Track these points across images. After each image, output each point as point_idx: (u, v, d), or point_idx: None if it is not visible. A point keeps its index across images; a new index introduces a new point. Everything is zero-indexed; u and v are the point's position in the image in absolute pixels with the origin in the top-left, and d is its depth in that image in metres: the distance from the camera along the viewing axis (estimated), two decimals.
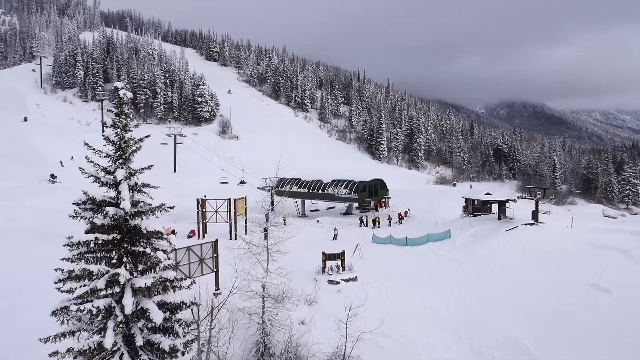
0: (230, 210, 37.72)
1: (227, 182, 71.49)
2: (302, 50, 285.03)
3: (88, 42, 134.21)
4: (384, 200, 56.37)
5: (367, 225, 48.71)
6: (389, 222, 48.69)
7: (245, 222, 40.33)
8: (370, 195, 53.73)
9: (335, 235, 41.40)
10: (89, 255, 11.67)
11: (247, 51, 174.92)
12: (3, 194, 50.24)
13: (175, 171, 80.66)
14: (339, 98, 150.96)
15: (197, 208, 38.49)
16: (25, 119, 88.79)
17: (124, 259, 11.87)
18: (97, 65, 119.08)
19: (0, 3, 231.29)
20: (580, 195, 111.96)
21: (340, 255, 29.88)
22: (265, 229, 39.99)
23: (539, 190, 42.16)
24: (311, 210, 58.23)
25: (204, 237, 38.64)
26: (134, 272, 12.03)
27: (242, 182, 70.50)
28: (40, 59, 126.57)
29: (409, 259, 34.72)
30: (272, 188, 63.22)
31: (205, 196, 41.11)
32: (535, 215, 39.45)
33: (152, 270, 12.13)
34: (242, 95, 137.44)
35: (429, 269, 32.26)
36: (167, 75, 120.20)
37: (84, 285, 11.23)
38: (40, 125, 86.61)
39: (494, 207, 44.06)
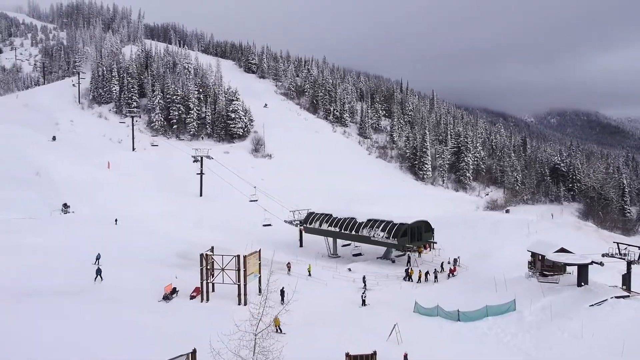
0: (239, 269, 31.11)
1: (256, 200, 67.09)
2: (343, 60, 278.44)
3: (126, 57, 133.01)
4: (428, 244, 48.31)
5: (411, 279, 40.80)
6: (435, 276, 40.55)
7: (260, 281, 33.57)
8: (412, 239, 45.85)
9: (364, 299, 33.69)
10: None
11: (286, 62, 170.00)
12: (3, 228, 45.85)
13: (201, 195, 75.46)
14: (380, 111, 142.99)
15: (201, 264, 32.05)
16: (54, 138, 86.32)
17: None
18: (133, 80, 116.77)
19: (53, 18, 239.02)
20: None
21: (371, 359, 22.40)
22: (282, 292, 33.30)
23: (631, 248, 32.85)
24: (354, 255, 50.31)
25: (208, 299, 32.11)
26: None
27: (252, 200, 67.03)
28: (79, 74, 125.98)
29: (463, 347, 26.75)
30: (300, 223, 56.77)
31: (212, 248, 34.68)
32: (627, 281, 30.63)
33: None
34: (278, 109, 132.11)
35: None
36: (200, 90, 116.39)
37: None
38: (68, 144, 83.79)
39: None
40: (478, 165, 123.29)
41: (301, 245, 56.54)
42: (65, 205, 55.93)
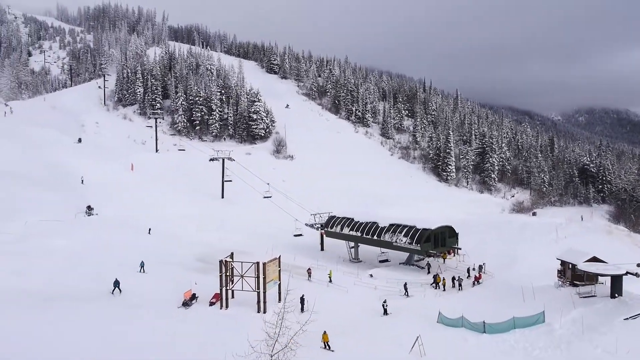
0: (258, 277, 30.68)
1: (270, 196, 67.93)
2: (365, 59, 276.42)
3: (150, 58, 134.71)
4: (452, 249, 47.06)
5: (439, 287, 39.69)
6: (459, 284, 39.37)
7: (279, 288, 33.08)
8: (436, 245, 44.71)
9: (385, 308, 32.81)
10: None
11: (308, 63, 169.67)
12: (30, 231, 46.66)
13: (222, 197, 75.58)
14: (403, 111, 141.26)
15: (221, 271, 31.74)
16: (80, 140, 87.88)
17: None
18: (156, 82, 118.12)
19: (80, 22, 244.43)
20: None
21: None
22: (302, 300, 32.78)
23: None
24: (380, 261, 49.25)
25: (227, 306, 31.78)
26: None
27: (267, 197, 67.75)
28: (104, 76, 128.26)
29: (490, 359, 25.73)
30: (321, 226, 56.17)
31: (232, 254, 34.36)
32: None
33: None
34: (300, 109, 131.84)
35: None
36: (223, 91, 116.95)
37: None
38: (93, 146, 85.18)
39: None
40: (503, 166, 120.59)
41: (322, 249, 55.95)
42: (89, 208, 56.62)
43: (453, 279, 40.27)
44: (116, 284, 32.75)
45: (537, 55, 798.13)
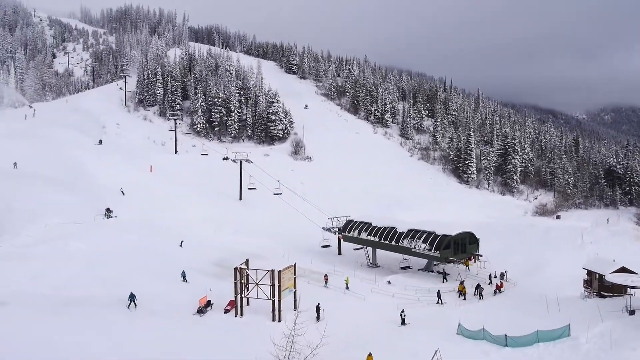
0: (273, 285, 30.17)
1: (280, 193, 70.02)
2: (385, 58, 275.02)
3: (171, 59, 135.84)
4: (473, 256, 45.80)
5: (463, 296, 38.56)
6: (480, 293, 38.19)
7: (295, 296, 32.53)
8: (456, 252, 43.55)
9: (403, 318, 31.92)
10: None
11: (327, 62, 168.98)
12: (49, 233, 47.12)
13: (240, 199, 75.51)
14: (423, 111, 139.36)
15: (235, 278, 31.35)
16: (100, 142, 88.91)
17: None
18: (176, 83, 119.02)
19: (103, 23, 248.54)
20: None
21: None
22: (318, 309, 32.16)
23: None
24: (402, 268, 47.87)
25: (242, 314, 31.38)
26: None
27: (277, 194, 69.13)
28: (125, 77, 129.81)
29: None
30: (338, 230, 55.50)
31: (247, 261, 33.93)
32: None
33: None
34: (318, 110, 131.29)
35: None
36: (241, 92, 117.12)
37: None
38: (114, 148, 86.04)
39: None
40: (526, 167, 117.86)
41: (340, 253, 55.31)
42: (108, 210, 57.03)
43: (477, 286, 39.01)
44: (131, 297, 31.36)
45: (561, 52, 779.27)
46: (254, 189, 70.23)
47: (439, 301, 37.15)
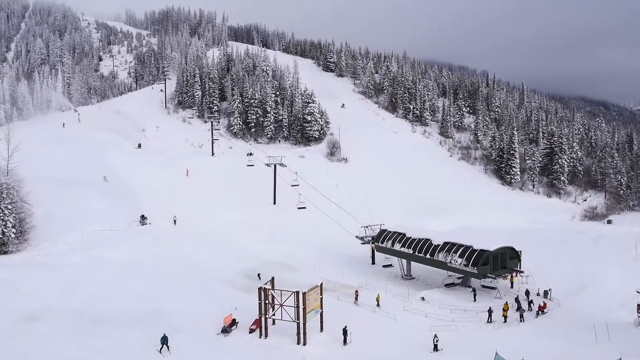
0: (298, 307, 29.12)
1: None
2: (425, 53, 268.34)
3: (209, 60, 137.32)
4: (514, 272, 43.00)
5: (505, 319, 35.96)
6: (521, 315, 35.68)
7: (321, 317, 31.36)
8: (495, 268, 41.02)
9: (436, 344, 30.07)
10: None
11: (365, 59, 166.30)
12: (85, 241, 47.98)
13: (274, 203, 75.11)
14: (464, 108, 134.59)
15: (260, 298, 30.52)
16: (139, 146, 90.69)
17: None
18: (214, 85, 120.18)
19: (147, 25, 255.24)
20: None
21: None
22: (345, 332, 30.88)
23: None
24: (446, 285, 44.68)
25: (266, 335, 30.54)
26: None
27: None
28: (165, 79, 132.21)
29: None
30: (371, 240, 53.90)
31: (272, 279, 33.01)
32: None
33: None
34: (356, 108, 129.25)
35: None
36: (278, 92, 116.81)
37: None
38: (151, 152, 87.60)
39: None
40: (574, 167, 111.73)
41: (373, 263, 53.76)
42: (142, 217, 57.70)
43: (518, 307, 36.55)
44: (164, 340, 28.10)
45: (610, 41, 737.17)
46: (304, 207, 67.12)
47: (489, 319, 35.25)
